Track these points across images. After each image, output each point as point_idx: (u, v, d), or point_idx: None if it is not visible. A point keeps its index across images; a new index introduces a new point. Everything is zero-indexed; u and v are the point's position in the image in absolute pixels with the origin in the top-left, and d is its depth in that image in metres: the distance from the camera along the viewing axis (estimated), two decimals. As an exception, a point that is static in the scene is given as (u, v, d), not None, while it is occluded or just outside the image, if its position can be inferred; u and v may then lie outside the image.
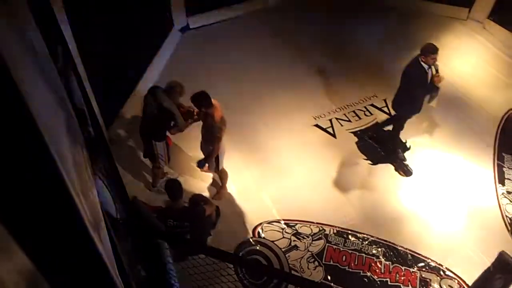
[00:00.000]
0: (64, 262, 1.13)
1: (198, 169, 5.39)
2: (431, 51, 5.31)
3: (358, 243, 5.23)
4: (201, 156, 5.30)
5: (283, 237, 5.27)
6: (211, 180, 5.73)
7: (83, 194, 1.26)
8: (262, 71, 7.25)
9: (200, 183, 5.70)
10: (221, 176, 5.49)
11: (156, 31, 7.49)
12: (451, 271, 5.01)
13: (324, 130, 6.51)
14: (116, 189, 2.21)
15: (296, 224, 5.39)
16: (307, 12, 8.47)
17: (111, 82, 6.00)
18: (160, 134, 5.16)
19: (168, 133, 5.24)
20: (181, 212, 4.51)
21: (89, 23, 5.47)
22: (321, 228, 5.35)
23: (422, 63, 5.33)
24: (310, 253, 5.14)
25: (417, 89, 5.48)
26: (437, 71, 5.39)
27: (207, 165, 5.19)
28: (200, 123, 5.13)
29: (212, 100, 4.83)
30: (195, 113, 5.16)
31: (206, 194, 5.50)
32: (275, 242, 5.21)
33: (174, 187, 4.54)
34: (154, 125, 5.07)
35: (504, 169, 6.01)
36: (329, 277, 4.94)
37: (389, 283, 4.92)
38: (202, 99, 4.76)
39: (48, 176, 0.96)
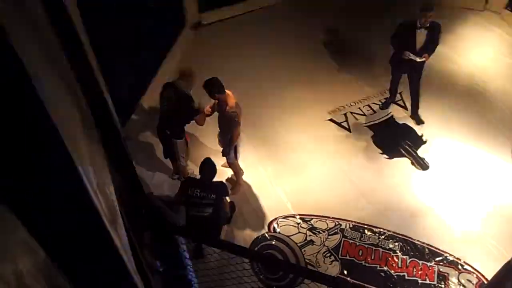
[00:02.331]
0: (82, 257, 1.14)
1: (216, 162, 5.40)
2: (423, 9, 5.53)
3: (374, 238, 5.20)
4: (219, 149, 5.32)
5: (299, 232, 5.26)
6: (227, 176, 5.75)
7: (100, 190, 1.27)
8: (275, 66, 7.23)
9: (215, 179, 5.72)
10: (235, 171, 5.52)
11: (169, 27, 7.52)
12: (470, 265, 4.95)
13: (339, 124, 6.47)
14: (132, 185, 2.23)
15: (312, 218, 5.38)
16: (320, 7, 8.40)
17: (125, 80, 6.05)
18: (179, 129, 5.16)
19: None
20: (208, 183, 4.56)
21: (102, 20, 5.51)
22: (337, 223, 5.33)
23: (418, 21, 5.61)
24: (326, 247, 5.13)
25: (403, 43, 5.79)
26: (426, 45, 5.70)
27: (232, 154, 5.19)
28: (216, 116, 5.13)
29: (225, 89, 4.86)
30: (208, 109, 5.17)
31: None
32: (290, 237, 5.21)
33: (210, 168, 4.58)
34: (174, 116, 5.05)
35: (523, 161, 5.90)
36: (345, 272, 4.92)
37: (406, 277, 4.89)
38: (214, 85, 4.78)
39: (66, 174, 0.97)
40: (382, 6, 8.18)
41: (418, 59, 5.74)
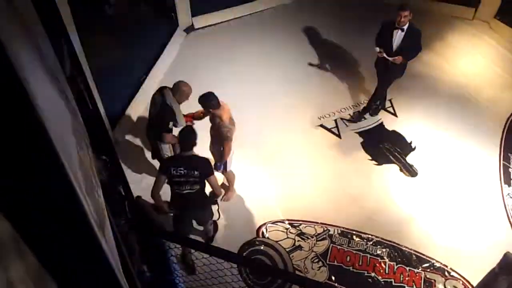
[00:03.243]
0: (70, 261, 1.14)
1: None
2: (398, 8, 5.57)
3: (362, 244, 5.22)
4: (210, 156, 5.28)
5: (287, 237, 5.27)
6: (219, 182, 5.72)
7: (89, 194, 1.27)
8: (267, 71, 7.25)
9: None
10: (228, 177, 5.47)
11: (161, 31, 7.51)
12: (456, 272, 4.99)
13: (329, 130, 6.50)
14: (120, 188, 2.22)
15: (300, 224, 5.38)
16: (311, 13, 8.46)
17: (116, 83, 6.03)
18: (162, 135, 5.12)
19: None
20: (188, 158, 4.33)
21: (94, 23, 5.49)
22: (325, 228, 5.34)
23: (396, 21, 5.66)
24: (314, 253, 5.14)
25: (382, 42, 5.85)
26: (401, 48, 5.71)
27: (222, 167, 5.11)
28: (209, 124, 5.09)
29: (220, 101, 4.78)
30: (200, 113, 5.14)
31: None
32: (279, 242, 5.21)
33: (190, 136, 4.29)
34: (157, 124, 5.04)
35: (510, 169, 5.97)
36: (333, 278, 4.93)
37: (393, 283, 4.91)
38: (209, 100, 4.70)
39: (55, 177, 0.97)
40: (374, 12, 8.24)
41: (390, 58, 5.77)
